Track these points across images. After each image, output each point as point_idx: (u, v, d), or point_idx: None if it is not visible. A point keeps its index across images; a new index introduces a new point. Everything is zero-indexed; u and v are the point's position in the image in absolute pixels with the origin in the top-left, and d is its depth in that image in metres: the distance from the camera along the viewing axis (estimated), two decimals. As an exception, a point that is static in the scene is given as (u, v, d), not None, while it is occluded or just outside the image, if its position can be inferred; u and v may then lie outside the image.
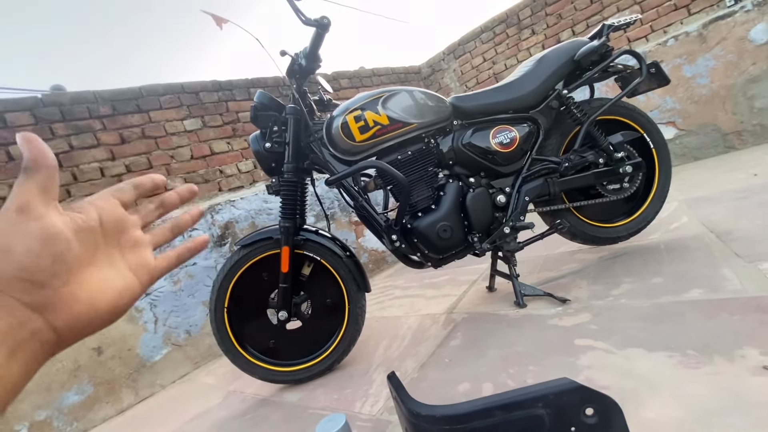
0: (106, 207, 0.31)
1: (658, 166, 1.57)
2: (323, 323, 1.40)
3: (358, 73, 3.54)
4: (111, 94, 2.25)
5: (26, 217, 0.25)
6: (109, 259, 0.30)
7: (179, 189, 0.37)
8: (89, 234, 0.28)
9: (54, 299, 0.25)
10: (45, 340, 0.25)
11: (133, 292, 0.30)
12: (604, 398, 0.51)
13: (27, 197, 0.25)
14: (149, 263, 0.32)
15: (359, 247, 2.78)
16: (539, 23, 3.36)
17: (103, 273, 0.29)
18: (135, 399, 1.83)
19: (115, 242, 0.31)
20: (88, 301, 0.27)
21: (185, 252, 0.36)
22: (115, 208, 0.31)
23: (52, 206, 0.27)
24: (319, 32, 1.19)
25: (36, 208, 0.25)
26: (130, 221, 0.33)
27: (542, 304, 1.31)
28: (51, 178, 0.27)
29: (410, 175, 1.32)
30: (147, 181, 0.34)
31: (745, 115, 2.49)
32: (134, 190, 0.33)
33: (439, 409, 0.57)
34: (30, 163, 0.26)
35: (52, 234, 0.25)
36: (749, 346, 0.78)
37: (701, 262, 1.22)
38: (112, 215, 0.31)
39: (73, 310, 0.26)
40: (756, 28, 2.38)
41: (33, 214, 0.25)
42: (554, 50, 1.49)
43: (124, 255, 0.31)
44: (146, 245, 0.33)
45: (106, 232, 0.30)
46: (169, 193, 0.36)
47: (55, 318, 0.25)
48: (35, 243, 0.25)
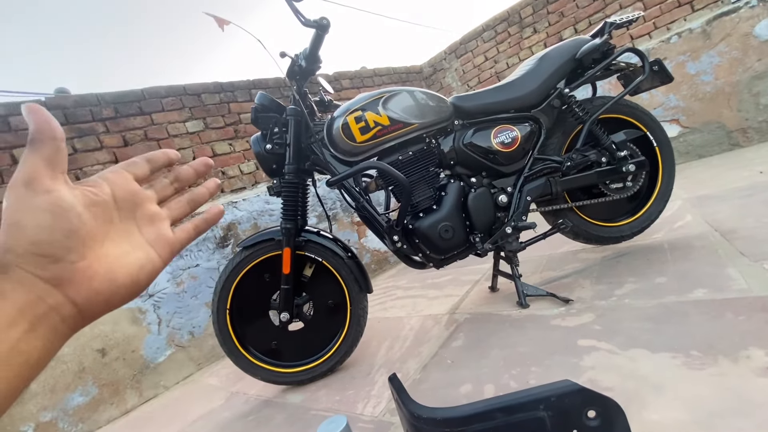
0: (118, 181, 0.30)
1: (662, 165, 1.55)
2: (325, 324, 1.40)
3: (359, 74, 3.54)
4: (113, 96, 2.26)
5: (34, 191, 0.24)
6: (125, 233, 0.29)
7: (193, 162, 0.36)
8: (102, 208, 0.28)
9: (71, 273, 0.25)
10: (66, 315, 0.25)
11: (154, 266, 0.30)
12: (606, 400, 0.50)
13: (33, 170, 0.25)
14: (168, 237, 0.32)
15: (361, 247, 2.78)
16: (541, 21, 3.34)
17: (120, 247, 0.28)
18: (139, 400, 1.84)
19: (131, 216, 0.30)
20: (107, 276, 0.27)
21: (202, 223, 0.36)
22: (128, 183, 0.31)
23: (61, 179, 0.26)
24: (319, 33, 1.19)
25: (43, 181, 0.25)
26: (145, 195, 0.32)
27: (545, 304, 1.30)
28: (58, 150, 0.26)
29: (411, 175, 1.32)
30: (160, 155, 0.34)
31: (750, 112, 2.47)
32: (147, 164, 0.33)
33: (440, 411, 0.57)
34: (35, 134, 0.25)
35: (63, 207, 0.25)
36: (754, 346, 0.77)
37: (706, 261, 1.20)
38: (125, 189, 0.30)
39: (92, 284, 0.26)
40: (761, 24, 2.36)
41: (41, 188, 0.25)
42: (556, 48, 1.48)
43: (141, 229, 0.31)
44: (163, 219, 0.33)
45: (121, 206, 0.30)
46: (184, 167, 0.36)
47: (75, 292, 0.25)
48: (45, 217, 0.24)
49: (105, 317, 1.81)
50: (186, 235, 0.34)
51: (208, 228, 0.36)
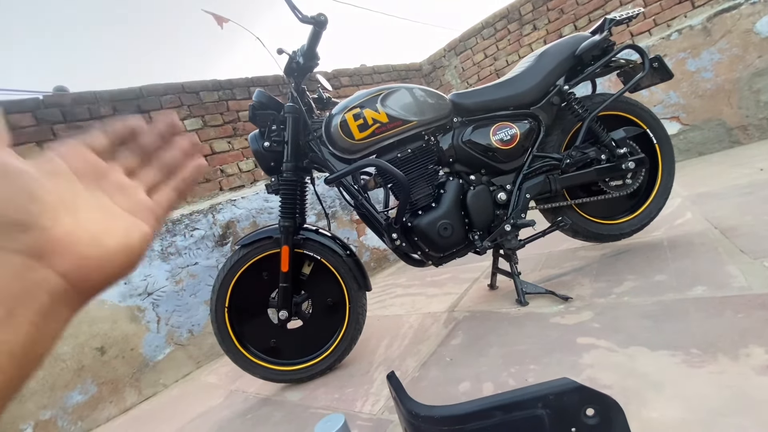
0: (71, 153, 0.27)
1: (662, 162, 1.55)
2: (324, 322, 1.40)
3: (358, 71, 3.53)
4: (111, 94, 2.25)
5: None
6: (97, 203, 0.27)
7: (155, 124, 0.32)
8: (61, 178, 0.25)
9: (49, 240, 0.22)
10: (54, 291, 0.22)
11: (141, 231, 0.27)
12: (605, 398, 0.50)
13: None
14: (146, 202, 0.29)
15: (361, 245, 2.78)
16: (541, 18, 3.33)
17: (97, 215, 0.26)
18: (138, 398, 1.84)
19: (97, 187, 0.27)
20: (91, 240, 0.24)
21: (181, 183, 0.32)
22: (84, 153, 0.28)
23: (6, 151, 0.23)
24: (316, 30, 1.18)
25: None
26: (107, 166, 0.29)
27: (544, 302, 1.30)
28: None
29: (410, 173, 1.31)
30: (119, 126, 0.30)
31: (750, 110, 2.46)
32: (104, 135, 0.29)
33: (438, 409, 0.57)
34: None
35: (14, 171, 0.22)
36: (754, 344, 0.77)
37: (705, 258, 1.20)
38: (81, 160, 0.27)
39: (77, 249, 0.23)
40: (762, 21, 2.35)
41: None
42: (555, 45, 1.47)
43: (114, 199, 0.28)
44: (135, 187, 0.30)
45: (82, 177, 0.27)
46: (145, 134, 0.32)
47: (59, 261, 0.23)
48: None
49: (103, 316, 1.80)
50: (166, 198, 0.31)
51: (190, 187, 0.33)
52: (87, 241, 0.24)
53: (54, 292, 0.22)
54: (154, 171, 0.32)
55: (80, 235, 0.24)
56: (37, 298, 0.22)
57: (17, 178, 0.22)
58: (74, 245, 0.23)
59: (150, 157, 0.32)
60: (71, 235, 0.23)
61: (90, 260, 0.24)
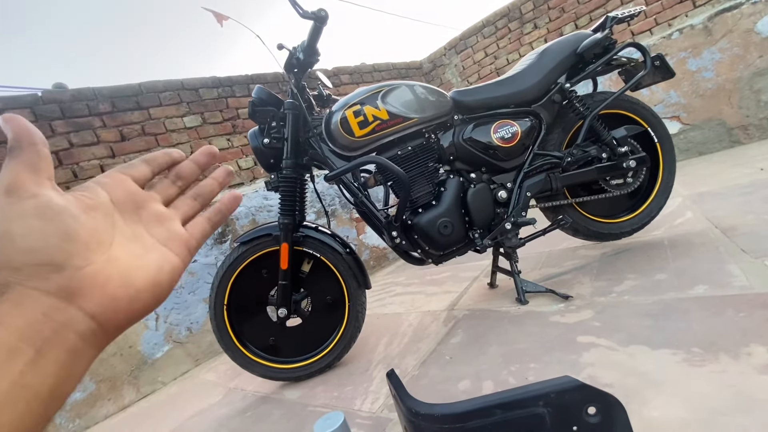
0: (114, 183, 0.28)
1: (662, 161, 1.54)
2: (323, 320, 1.39)
3: (358, 69, 3.52)
4: (110, 91, 2.24)
5: (17, 197, 0.22)
6: (133, 236, 0.27)
7: (194, 155, 0.33)
8: (101, 212, 0.25)
9: (80, 281, 0.22)
10: (83, 331, 0.22)
11: (173, 266, 0.28)
12: (606, 397, 0.50)
13: (15, 177, 0.23)
14: (180, 234, 0.29)
15: (360, 243, 2.78)
16: (541, 17, 3.32)
17: (131, 250, 0.26)
18: (136, 396, 1.83)
19: (136, 219, 0.28)
20: (122, 279, 0.24)
21: (216, 215, 0.33)
22: (126, 184, 0.28)
23: (47, 185, 0.24)
24: (317, 25, 1.17)
25: (26, 186, 0.23)
26: (147, 196, 0.29)
27: (544, 300, 1.30)
28: (40, 155, 0.24)
29: (410, 170, 1.31)
30: (160, 155, 0.31)
31: (751, 109, 2.45)
32: (146, 165, 0.30)
33: (438, 407, 0.56)
34: (13, 142, 0.23)
35: (53, 209, 0.23)
36: (756, 343, 0.76)
37: (706, 258, 1.20)
38: (123, 191, 0.28)
39: (106, 290, 0.23)
40: (763, 20, 2.34)
41: (24, 194, 0.22)
42: (557, 43, 1.46)
43: (150, 230, 0.28)
44: (172, 218, 0.30)
45: (122, 209, 0.27)
46: (185, 163, 0.33)
47: (88, 302, 0.23)
48: (35, 222, 0.22)
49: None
50: (200, 230, 0.31)
51: (224, 219, 0.34)
52: (117, 281, 0.24)
53: (82, 332, 0.22)
54: (190, 200, 0.32)
55: (111, 274, 0.24)
56: (66, 338, 0.22)
57: (56, 217, 0.23)
58: (104, 285, 0.23)
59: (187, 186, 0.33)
60: (102, 275, 0.23)
61: (119, 300, 0.24)
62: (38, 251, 0.22)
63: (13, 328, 0.20)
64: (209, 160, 0.33)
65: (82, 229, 0.23)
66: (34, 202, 0.22)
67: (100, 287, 0.23)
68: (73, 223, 0.23)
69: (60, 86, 2.34)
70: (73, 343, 0.22)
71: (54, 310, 0.21)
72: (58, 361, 0.21)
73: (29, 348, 0.20)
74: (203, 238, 0.31)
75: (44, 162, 0.24)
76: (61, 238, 0.22)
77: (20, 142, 0.23)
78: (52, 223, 0.22)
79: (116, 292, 0.24)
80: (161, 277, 0.26)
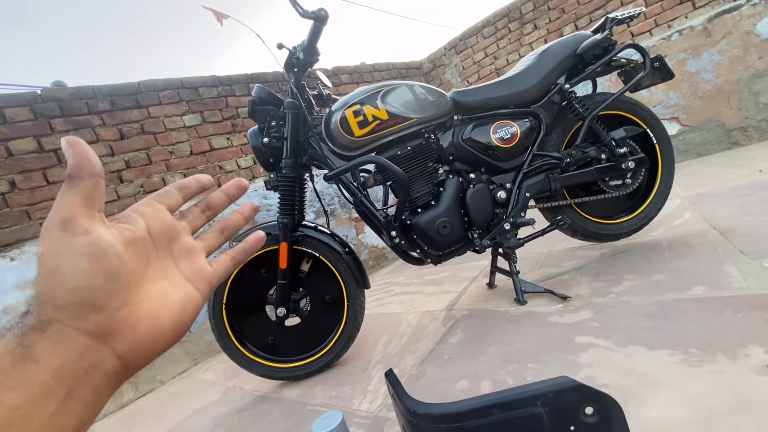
0: (153, 214, 0.28)
1: (661, 162, 1.55)
2: (322, 320, 1.39)
3: (358, 69, 3.52)
4: (110, 89, 2.24)
5: (72, 232, 0.22)
6: (164, 271, 0.27)
7: (225, 186, 0.33)
8: (140, 246, 0.26)
9: (115, 323, 0.23)
10: (109, 371, 0.23)
11: (195, 304, 0.28)
12: (604, 397, 0.50)
13: (71, 210, 0.23)
14: (206, 270, 0.30)
15: (359, 243, 2.78)
16: (541, 17, 3.32)
17: (161, 287, 0.26)
18: (135, 395, 1.83)
19: (168, 252, 0.28)
20: (151, 321, 0.24)
21: (240, 253, 0.33)
22: (163, 215, 0.28)
23: (98, 218, 0.24)
24: (317, 25, 1.17)
25: (81, 221, 0.23)
26: (180, 227, 0.30)
27: (543, 301, 1.30)
28: (96, 186, 0.24)
29: (410, 170, 1.31)
30: (192, 182, 0.31)
31: (750, 111, 2.46)
32: (179, 193, 0.31)
33: (436, 407, 0.56)
34: (73, 170, 0.23)
35: (102, 249, 0.23)
36: (753, 344, 0.76)
37: (704, 259, 1.20)
38: (160, 222, 0.28)
39: (137, 332, 0.23)
40: (762, 22, 2.35)
41: (79, 229, 0.22)
42: (556, 44, 1.47)
43: (179, 265, 0.28)
44: (199, 252, 0.30)
45: (157, 241, 0.27)
46: (215, 194, 0.33)
47: (119, 344, 0.23)
48: (85, 262, 0.22)
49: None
50: (223, 268, 0.31)
51: (246, 258, 0.34)
52: (147, 322, 0.24)
53: (108, 371, 0.23)
54: (217, 234, 0.33)
55: (142, 315, 0.24)
56: (94, 378, 0.22)
57: (103, 255, 0.23)
58: (134, 327, 0.23)
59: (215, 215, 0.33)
60: (133, 316, 0.24)
61: (146, 341, 0.24)
62: (83, 291, 0.22)
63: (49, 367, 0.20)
64: (239, 193, 0.34)
65: (124, 270, 0.24)
66: (86, 239, 0.22)
67: (131, 329, 0.23)
68: (118, 263, 0.23)
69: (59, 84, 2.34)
70: (99, 383, 0.22)
71: (88, 350, 0.22)
72: (84, 401, 0.21)
73: (62, 389, 0.20)
74: (225, 275, 0.32)
75: (99, 193, 0.24)
76: (105, 279, 0.22)
77: (81, 171, 0.23)
78: (99, 262, 0.22)
79: (145, 334, 0.24)
80: (185, 316, 0.27)
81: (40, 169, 1.97)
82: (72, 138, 0.24)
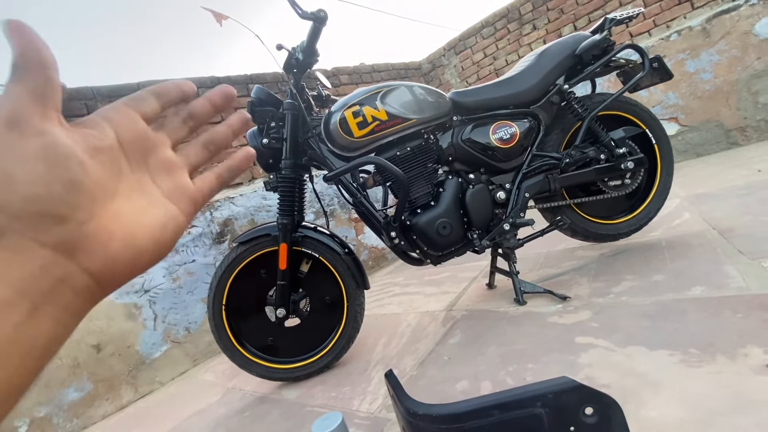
0: (123, 122, 0.24)
1: (660, 163, 1.55)
2: (322, 320, 1.39)
3: (357, 69, 3.52)
4: (109, 90, 2.23)
5: (21, 132, 0.19)
6: (138, 186, 0.24)
7: (210, 93, 0.29)
8: (108, 155, 0.23)
9: (82, 236, 0.20)
10: (80, 288, 0.21)
11: (177, 223, 0.25)
12: (603, 397, 0.50)
13: (19, 106, 0.19)
14: (188, 188, 0.27)
15: (359, 244, 2.78)
16: (540, 18, 3.33)
17: (136, 203, 0.24)
18: (134, 396, 1.83)
19: (143, 165, 0.25)
20: (124, 237, 0.22)
21: (226, 171, 0.30)
22: (136, 123, 0.25)
23: (55, 119, 0.21)
24: (316, 26, 1.17)
25: (32, 119, 0.19)
26: (157, 139, 0.26)
27: (542, 301, 1.30)
28: (48, 80, 0.20)
29: (409, 171, 1.31)
30: (171, 87, 0.27)
31: (749, 111, 2.46)
32: (156, 99, 0.26)
33: (436, 408, 0.56)
34: (19, 59, 0.20)
35: (60, 153, 0.20)
36: (752, 344, 0.77)
37: (703, 259, 1.20)
38: (132, 132, 0.24)
39: (108, 248, 0.21)
40: (761, 22, 2.35)
41: (29, 130, 0.19)
42: (555, 44, 1.47)
43: (156, 180, 0.25)
44: (180, 167, 0.27)
45: (129, 152, 0.24)
46: (198, 100, 0.29)
47: (89, 260, 0.21)
48: (39, 166, 0.19)
49: (99, 313, 1.79)
50: (208, 186, 0.28)
51: (234, 177, 0.30)
52: (120, 239, 0.22)
53: (79, 289, 0.21)
54: (201, 148, 0.29)
55: (114, 231, 0.22)
56: (63, 295, 0.20)
57: (62, 162, 0.20)
58: (105, 243, 0.21)
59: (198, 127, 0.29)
60: (105, 231, 0.21)
61: (120, 260, 0.22)
62: (41, 200, 0.19)
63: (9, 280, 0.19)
64: (225, 102, 0.29)
65: (88, 178, 0.21)
66: (40, 142, 0.19)
67: (102, 245, 0.21)
68: (80, 170, 0.20)
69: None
70: (69, 300, 0.21)
71: (52, 264, 0.20)
72: (53, 317, 0.20)
73: (25, 302, 0.19)
74: (210, 195, 0.29)
75: (53, 89, 0.21)
76: (66, 188, 0.20)
77: (28, 60, 0.20)
78: (58, 168, 0.20)
79: (118, 252, 0.22)
80: (165, 235, 0.24)
81: (40, 170, 1.97)
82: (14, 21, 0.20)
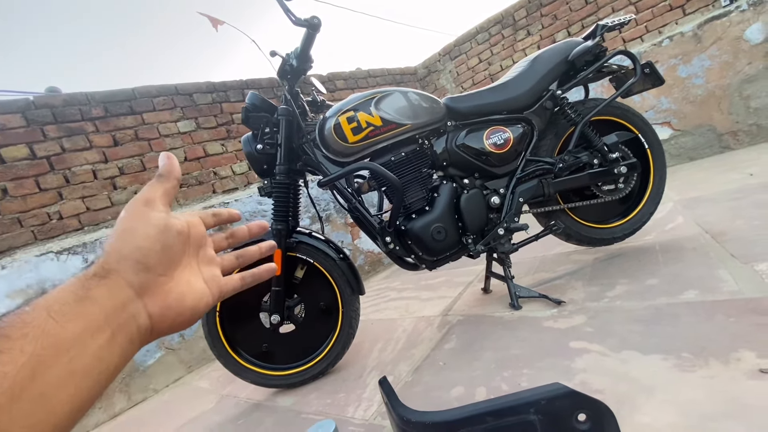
0: (195, 223, 0.35)
1: (653, 167, 1.56)
2: (317, 326, 1.39)
3: (353, 75, 3.53)
4: (103, 95, 2.23)
5: (150, 208, 0.30)
6: (190, 266, 0.33)
7: (251, 225, 0.41)
8: (183, 239, 0.32)
9: (154, 284, 0.29)
10: (141, 326, 0.28)
11: (207, 301, 0.33)
12: (596, 403, 0.50)
13: (154, 194, 0.31)
14: (219, 279, 0.36)
15: (355, 249, 2.77)
16: (534, 24, 3.36)
17: (187, 276, 0.32)
18: (128, 404, 1.81)
19: (195, 254, 0.34)
20: (178, 295, 0.30)
21: (249, 277, 0.39)
22: (200, 225, 0.36)
23: (168, 208, 0.32)
24: (310, 32, 1.18)
25: (158, 204, 0.31)
26: (209, 240, 0.37)
27: (537, 305, 1.30)
28: (174, 187, 0.33)
29: (404, 176, 1.31)
30: (224, 213, 0.40)
31: (740, 115, 2.49)
32: (213, 217, 0.38)
33: (429, 415, 0.56)
34: (163, 171, 0.33)
35: (167, 226, 0.30)
36: (745, 348, 0.77)
37: (696, 263, 1.21)
38: (197, 229, 0.35)
39: (167, 299, 0.29)
40: (751, 28, 2.39)
41: (156, 208, 0.31)
42: (548, 50, 1.48)
43: (201, 267, 0.35)
44: (217, 264, 0.37)
45: (192, 243, 0.34)
46: (241, 228, 0.41)
47: (152, 304, 0.29)
48: (153, 230, 0.29)
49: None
50: (232, 285, 0.37)
51: (255, 283, 0.40)
52: (175, 295, 0.30)
53: (139, 327, 0.28)
54: (234, 258, 0.40)
55: (173, 289, 0.30)
56: (131, 328, 0.27)
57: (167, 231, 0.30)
58: (166, 294, 0.30)
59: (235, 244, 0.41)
60: (168, 286, 0.30)
61: (171, 310, 0.30)
62: (144, 250, 0.28)
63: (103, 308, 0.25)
64: (260, 233, 0.42)
65: (174, 247, 0.31)
66: (158, 216, 0.30)
67: (164, 295, 0.29)
68: (173, 240, 0.31)
69: (53, 90, 2.33)
70: (133, 333, 0.27)
71: (131, 301, 0.27)
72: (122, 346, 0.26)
73: (108, 328, 0.25)
74: (233, 292, 0.37)
75: (174, 192, 0.34)
76: (162, 247, 0.29)
77: (168, 174, 0.33)
78: (163, 235, 0.30)
79: (172, 303, 0.30)
80: (199, 306, 0.32)
81: (32, 176, 1.95)
82: (169, 153, 0.35)
